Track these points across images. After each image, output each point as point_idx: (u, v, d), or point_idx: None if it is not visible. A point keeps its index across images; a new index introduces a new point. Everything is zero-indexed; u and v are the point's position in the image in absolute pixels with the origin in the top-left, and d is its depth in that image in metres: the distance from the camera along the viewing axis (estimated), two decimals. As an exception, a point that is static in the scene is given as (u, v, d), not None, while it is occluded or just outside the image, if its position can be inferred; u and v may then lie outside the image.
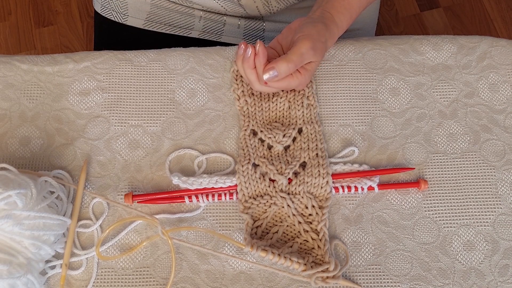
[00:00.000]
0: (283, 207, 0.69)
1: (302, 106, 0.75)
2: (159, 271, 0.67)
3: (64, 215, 0.69)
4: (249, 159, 0.72)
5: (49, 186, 0.68)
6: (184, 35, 0.96)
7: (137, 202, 0.70)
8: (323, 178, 0.70)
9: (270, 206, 0.69)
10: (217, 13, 0.94)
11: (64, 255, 0.67)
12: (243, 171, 0.70)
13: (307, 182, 0.70)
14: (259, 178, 0.70)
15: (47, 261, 0.67)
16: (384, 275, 0.67)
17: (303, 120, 0.75)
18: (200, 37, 0.96)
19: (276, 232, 0.68)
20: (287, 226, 0.69)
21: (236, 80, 0.77)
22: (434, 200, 0.71)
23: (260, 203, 0.69)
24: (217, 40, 0.96)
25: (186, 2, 0.93)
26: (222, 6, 0.92)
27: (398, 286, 0.66)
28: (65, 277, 0.66)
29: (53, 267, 0.67)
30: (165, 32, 0.95)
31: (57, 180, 0.70)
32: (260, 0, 0.89)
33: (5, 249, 0.60)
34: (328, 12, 0.74)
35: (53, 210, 0.66)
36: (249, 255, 0.68)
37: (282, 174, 0.70)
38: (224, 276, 0.67)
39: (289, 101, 0.76)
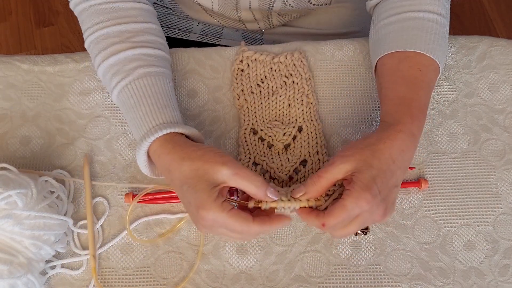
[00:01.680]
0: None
1: (302, 104, 0.75)
2: (159, 271, 0.67)
3: (64, 215, 0.69)
4: (250, 158, 0.72)
5: (49, 186, 0.68)
6: (182, 37, 0.96)
7: (138, 202, 0.70)
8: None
9: None
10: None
11: (89, 247, 0.67)
12: None
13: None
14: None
15: (48, 261, 0.67)
16: (384, 275, 0.67)
17: (303, 118, 0.75)
18: (199, 40, 0.96)
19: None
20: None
21: (236, 78, 0.77)
22: (434, 200, 0.71)
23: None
24: (216, 43, 0.96)
25: (184, 14, 0.94)
26: (220, 23, 0.92)
27: (399, 285, 0.66)
28: (95, 267, 0.67)
29: (53, 267, 0.67)
30: (164, 35, 0.95)
31: (61, 176, 0.70)
32: (262, 18, 0.89)
33: (6, 249, 0.61)
34: (382, 122, 0.65)
35: (54, 210, 0.66)
36: (249, 255, 0.68)
37: (282, 172, 0.70)
38: (224, 276, 0.67)
39: (289, 99, 0.76)
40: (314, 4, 0.83)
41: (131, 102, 0.66)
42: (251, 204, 0.60)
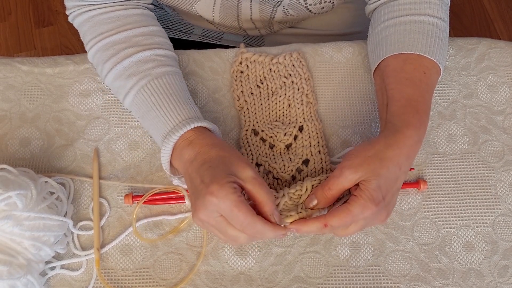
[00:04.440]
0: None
1: (302, 104, 0.76)
2: (158, 272, 0.67)
3: (64, 216, 0.69)
4: (252, 159, 0.72)
5: (49, 187, 0.68)
6: (183, 38, 0.96)
7: (137, 203, 0.70)
8: (327, 174, 0.70)
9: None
10: None
11: (94, 240, 0.68)
12: None
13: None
14: (263, 178, 0.70)
15: (47, 262, 0.67)
16: (383, 276, 0.67)
17: (303, 118, 0.75)
18: (200, 41, 0.96)
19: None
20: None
21: (235, 80, 0.77)
22: (433, 201, 0.71)
23: None
24: (217, 43, 0.96)
25: (185, 21, 0.94)
26: (221, 30, 0.92)
27: (398, 286, 0.67)
28: (99, 260, 0.67)
29: (53, 268, 0.67)
30: None
31: (67, 176, 0.70)
32: (263, 27, 0.89)
33: (5, 250, 0.61)
34: (388, 123, 0.64)
35: (53, 211, 0.66)
36: (249, 256, 0.68)
37: (285, 172, 0.70)
38: (223, 277, 0.67)
39: (289, 99, 0.76)
40: (315, 13, 0.83)
41: (152, 100, 0.67)
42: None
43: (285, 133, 0.73)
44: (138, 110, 0.69)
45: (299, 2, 0.79)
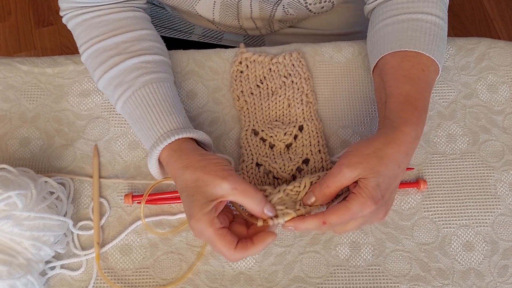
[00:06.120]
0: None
1: (302, 103, 0.76)
2: (158, 272, 0.67)
3: (64, 216, 0.69)
4: (252, 159, 0.72)
5: (49, 187, 0.68)
6: (184, 38, 0.96)
7: (137, 202, 0.70)
8: (326, 171, 0.70)
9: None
10: None
11: (94, 235, 0.68)
12: (247, 171, 0.71)
13: None
14: (263, 177, 0.70)
15: (47, 262, 0.67)
16: (383, 276, 0.67)
17: (303, 118, 0.75)
18: (200, 41, 0.96)
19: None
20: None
21: (235, 80, 0.77)
22: (433, 201, 0.71)
23: None
24: (217, 43, 0.96)
25: (185, 20, 0.94)
26: (221, 30, 0.92)
27: (398, 286, 0.67)
28: (99, 255, 0.67)
29: (53, 268, 0.67)
30: (165, 35, 0.95)
31: (67, 176, 0.70)
32: (263, 26, 0.89)
33: (5, 250, 0.61)
34: (386, 119, 0.64)
35: (53, 210, 0.66)
36: (248, 256, 0.68)
37: (285, 172, 0.70)
38: (223, 277, 0.67)
39: (288, 99, 0.76)
40: (314, 13, 0.84)
41: (137, 113, 0.67)
42: (260, 223, 0.61)
43: (285, 133, 0.73)
44: (128, 120, 0.70)
45: (299, 2, 0.79)
